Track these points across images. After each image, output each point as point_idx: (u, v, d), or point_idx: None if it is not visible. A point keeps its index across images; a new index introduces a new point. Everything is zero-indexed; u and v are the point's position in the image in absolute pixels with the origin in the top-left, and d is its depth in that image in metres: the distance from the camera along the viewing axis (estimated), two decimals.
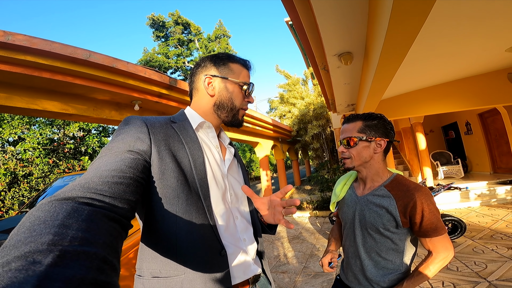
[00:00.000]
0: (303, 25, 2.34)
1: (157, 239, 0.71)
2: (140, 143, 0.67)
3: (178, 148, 0.75)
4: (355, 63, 3.30)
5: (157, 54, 22.14)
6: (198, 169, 0.75)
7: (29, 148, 7.24)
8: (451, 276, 2.77)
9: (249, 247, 0.84)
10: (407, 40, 1.92)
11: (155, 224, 0.70)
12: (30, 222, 0.34)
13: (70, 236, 0.33)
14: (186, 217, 0.70)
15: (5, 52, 2.23)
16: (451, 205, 5.70)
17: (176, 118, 0.84)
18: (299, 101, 10.14)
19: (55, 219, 0.35)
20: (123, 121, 0.73)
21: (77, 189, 0.45)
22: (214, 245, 0.73)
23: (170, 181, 0.70)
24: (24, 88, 2.68)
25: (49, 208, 0.38)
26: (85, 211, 0.39)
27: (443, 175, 7.92)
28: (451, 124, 9.54)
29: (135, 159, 0.62)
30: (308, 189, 10.33)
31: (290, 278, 3.21)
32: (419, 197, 0.96)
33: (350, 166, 1.09)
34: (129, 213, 0.51)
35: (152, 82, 3.55)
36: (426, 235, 0.98)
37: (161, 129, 0.75)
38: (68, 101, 3.09)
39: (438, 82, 5.45)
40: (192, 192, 0.72)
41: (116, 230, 0.43)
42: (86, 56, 2.64)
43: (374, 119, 1.06)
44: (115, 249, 0.38)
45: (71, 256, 0.30)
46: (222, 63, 0.88)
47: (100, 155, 0.62)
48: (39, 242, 0.30)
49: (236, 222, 0.84)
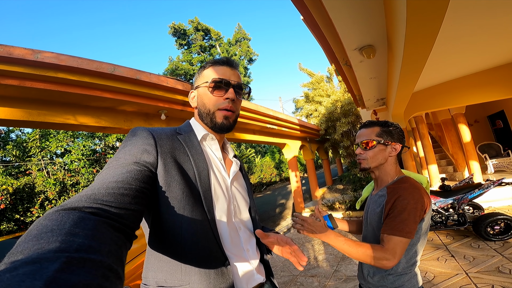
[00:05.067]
0: (317, 22, 2.27)
1: (162, 249, 0.72)
2: (147, 155, 0.68)
3: (184, 160, 0.76)
4: (379, 55, 3.11)
5: (181, 62, 22.95)
6: (202, 181, 0.76)
7: (75, 159, 7.93)
8: (503, 279, 2.49)
9: (252, 257, 0.85)
10: (432, 26, 1.75)
11: (161, 234, 0.72)
12: (38, 230, 0.35)
13: (77, 244, 0.33)
14: (191, 229, 0.71)
15: (36, 70, 2.38)
16: (503, 202, 5.15)
17: (182, 130, 0.86)
18: (325, 99, 9.85)
19: (62, 228, 0.36)
20: (130, 132, 0.75)
21: (84, 199, 0.47)
22: (218, 256, 0.74)
23: (176, 193, 0.70)
24: (60, 104, 2.92)
25: (56, 217, 0.39)
26: (91, 221, 0.41)
27: (493, 169, 7.15)
28: (498, 113, 8.60)
29: (141, 170, 0.63)
30: (341, 188, 9.96)
31: (319, 282, 3.11)
32: (402, 194, 0.98)
33: (366, 167, 1.15)
34: (133, 224, 0.53)
35: (176, 91, 3.68)
36: (383, 229, 0.97)
37: (168, 141, 0.76)
38: (100, 115, 3.32)
39: (479, 69, 4.93)
40: (197, 204, 0.73)
41: (121, 240, 0.44)
42: (111, 70, 2.81)
43: (390, 126, 1.14)
44: (120, 258, 0.39)
45: (78, 263, 0.30)
46: (198, 75, 0.89)
47: (107, 165, 0.64)
48: (46, 249, 0.31)
49: (239, 233, 0.84)
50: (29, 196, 6.31)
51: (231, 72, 0.87)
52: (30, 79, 2.43)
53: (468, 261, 3.01)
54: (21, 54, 2.23)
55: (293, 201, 8.69)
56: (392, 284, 1.02)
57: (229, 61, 0.89)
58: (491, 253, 3.09)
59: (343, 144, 9.53)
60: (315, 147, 10.45)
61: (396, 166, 1.13)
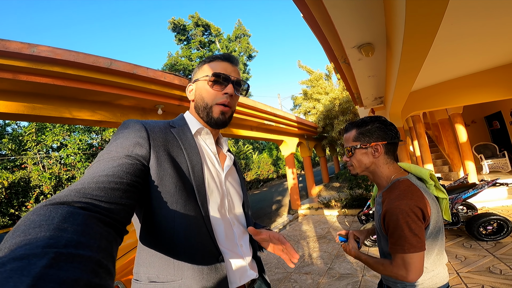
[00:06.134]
0: (316, 20, 2.25)
1: (154, 244, 0.72)
2: (139, 148, 0.67)
3: (177, 153, 0.75)
4: (378, 54, 3.10)
5: (180, 58, 22.89)
6: (196, 175, 0.75)
7: (71, 153, 7.88)
8: (493, 279, 2.52)
9: (246, 252, 0.85)
10: (431, 25, 1.75)
11: (153, 228, 0.71)
12: (26, 225, 0.35)
13: (65, 239, 0.33)
14: (183, 223, 0.70)
15: (32, 64, 2.37)
16: (497, 202, 5.18)
17: (176, 123, 0.85)
18: (323, 97, 9.84)
19: (51, 223, 0.35)
20: (122, 124, 0.74)
21: (73, 194, 0.46)
22: (212, 251, 0.73)
23: (168, 186, 0.69)
24: (56, 98, 2.89)
25: (45, 212, 0.38)
26: (81, 216, 0.40)
27: (488, 169, 7.21)
28: (495, 114, 8.64)
29: (132, 164, 0.62)
30: (337, 186, 10.01)
31: (313, 279, 3.13)
32: (389, 209, 0.92)
33: (354, 173, 1.11)
34: (124, 219, 0.52)
35: (173, 86, 3.65)
36: (389, 247, 0.94)
37: (161, 133, 0.75)
38: (96, 109, 3.29)
39: (478, 69, 4.94)
40: (190, 198, 0.72)
41: (111, 235, 0.43)
42: (107, 64, 2.79)
43: (367, 124, 1.05)
44: (110, 254, 0.38)
45: (66, 258, 0.30)
46: (197, 69, 0.89)
47: (98, 158, 0.63)
48: (34, 245, 0.30)
49: (233, 228, 0.84)
50: (24, 190, 6.26)
51: (232, 68, 0.86)
52: (26, 72, 2.41)
53: (459, 260, 3.04)
54: (17, 48, 2.21)
55: (289, 198, 8.72)
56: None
57: (231, 57, 0.88)
58: (483, 253, 3.13)
59: (341, 142, 9.54)
60: (312, 144, 10.47)
61: (388, 166, 1.04)
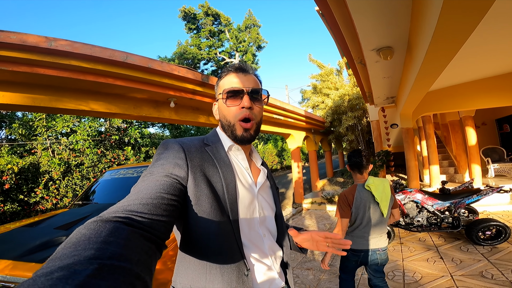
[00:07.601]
0: (337, 21, 2.21)
1: (190, 256, 0.76)
2: (178, 169, 0.71)
3: (213, 172, 0.77)
4: (396, 57, 3.05)
5: (190, 46, 22.70)
6: (230, 193, 0.77)
7: (80, 139, 7.96)
8: (484, 283, 2.58)
9: (275, 262, 0.87)
10: (460, 37, 1.71)
11: (190, 243, 0.75)
12: (77, 238, 0.39)
13: (110, 252, 0.36)
14: (217, 240, 0.74)
15: (50, 58, 2.38)
16: (498, 207, 5.18)
17: (210, 140, 0.87)
18: (333, 92, 9.72)
19: (98, 237, 0.39)
20: (162, 145, 0.78)
21: (120, 210, 0.51)
22: (240, 266, 0.76)
23: (205, 206, 0.73)
24: (72, 90, 2.92)
25: (94, 226, 0.42)
26: (125, 231, 0.44)
27: (494, 173, 7.14)
28: (507, 117, 8.49)
29: (172, 184, 0.66)
30: (341, 181, 10.01)
31: (314, 275, 3.21)
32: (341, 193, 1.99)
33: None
34: (164, 234, 0.55)
35: (186, 80, 3.65)
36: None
37: (197, 153, 0.78)
38: (111, 101, 3.31)
39: (492, 74, 4.84)
40: (224, 216, 0.75)
41: (151, 249, 0.47)
42: (123, 58, 2.79)
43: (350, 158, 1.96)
44: (149, 268, 0.42)
45: (108, 269, 0.33)
46: (216, 86, 0.90)
47: (142, 178, 0.68)
48: (82, 256, 0.34)
49: (264, 240, 0.86)
50: (33, 176, 6.29)
51: (245, 77, 0.84)
52: (43, 66, 2.42)
53: (455, 263, 3.09)
54: (35, 41, 2.21)
55: (293, 191, 8.78)
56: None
57: (241, 67, 0.86)
58: (478, 257, 3.17)
59: (348, 138, 9.50)
60: (319, 138, 10.43)
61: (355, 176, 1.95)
